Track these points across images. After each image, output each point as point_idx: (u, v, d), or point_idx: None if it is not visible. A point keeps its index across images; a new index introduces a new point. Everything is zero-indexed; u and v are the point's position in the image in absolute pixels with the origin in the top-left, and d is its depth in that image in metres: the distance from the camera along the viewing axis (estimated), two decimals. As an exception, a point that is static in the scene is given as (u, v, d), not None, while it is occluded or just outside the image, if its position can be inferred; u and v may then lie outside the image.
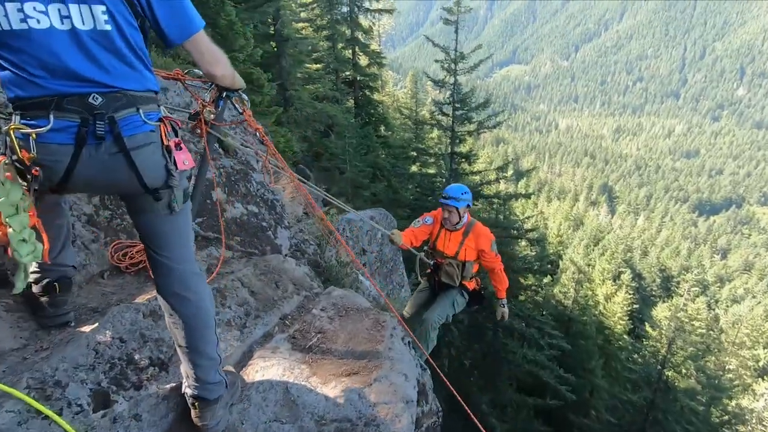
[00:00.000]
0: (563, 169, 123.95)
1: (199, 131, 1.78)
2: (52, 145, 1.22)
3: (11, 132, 1.19)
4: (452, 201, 3.43)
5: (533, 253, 20.24)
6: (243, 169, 2.98)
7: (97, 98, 1.23)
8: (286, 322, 2.14)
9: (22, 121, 1.21)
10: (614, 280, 32.05)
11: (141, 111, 1.30)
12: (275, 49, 16.86)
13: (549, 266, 23.43)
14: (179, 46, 1.36)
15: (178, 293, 1.46)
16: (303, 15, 21.36)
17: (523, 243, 17.96)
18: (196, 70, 1.86)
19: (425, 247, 3.81)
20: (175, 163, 1.37)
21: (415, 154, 18.30)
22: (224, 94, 1.85)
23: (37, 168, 1.21)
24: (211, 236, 2.50)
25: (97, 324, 1.63)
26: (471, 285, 3.70)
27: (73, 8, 1.16)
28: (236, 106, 1.87)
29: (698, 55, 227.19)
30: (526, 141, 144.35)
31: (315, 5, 20.57)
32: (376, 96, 23.80)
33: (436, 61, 14.86)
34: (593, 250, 44.28)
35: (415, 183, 17.25)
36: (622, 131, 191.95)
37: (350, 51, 21.05)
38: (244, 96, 1.90)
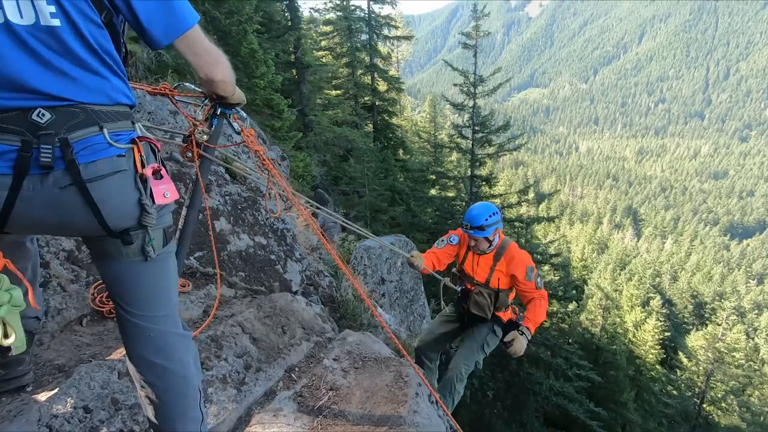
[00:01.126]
0: (585, 192, 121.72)
1: (189, 155, 1.53)
2: None
3: None
4: (477, 232, 2.89)
5: (557, 278, 19.53)
6: (251, 196, 2.74)
7: (43, 114, 0.95)
8: (293, 375, 1.83)
9: None
10: (643, 307, 30.68)
11: (106, 130, 1.02)
12: (296, 76, 17.20)
13: (574, 292, 22.58)
14: (167, 46, 1.10)
15: (152, 361, 1.16)
16: (323, 43, 21.88)
17: (546, 267, 17.35)
18: (188, 84, 1.62)
19: (453, 269, 3.27)
20: (151, 196, 1.08)
21: (434, 177, 18.11)
22: (219, 111, 1.57)
23: None
24: (212, 272, 2.24)
25: (57, 389, 1.34)
26: (506, 316, 3.13)
27: None
28: (233, 124, 1.61)
29: (722, 75, 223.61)
30: (546, 163, 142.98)
31: (335, 34, 21.07)
32: (394, 120, 23.96)
33: (455, 84, 14.83)
34: (620, 275, 42.69)
35: (434, 206, 17.02)
36: (645, 153, 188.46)
37: (369, 77, 21.34)
38: (242, 113, 1.64)
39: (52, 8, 0.92)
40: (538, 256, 15.55)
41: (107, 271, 1.15)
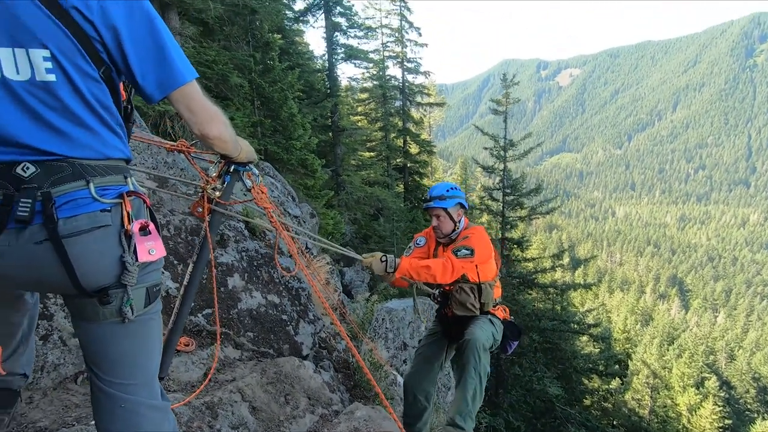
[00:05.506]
0: (625, 258, 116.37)
1: (200, 210, 1.53)
2: None
3: None
4: (437, 202, 2.63)
5: (597, 350, 18.13)
6: (269, 253, 2.72)
7: (27, 168, 0.94)
8: (292, 453, 1.66)
9: None
10: (697, 388, 27.75)
11: (92, 185, 0.99)
12: (331, 138, 18.08)
13: (617, 367, 20.83)
14: (161, 100, 1.08)
15: None
16: (359, 109, 23.15)
17: (585, 338, 16.20)
18: None
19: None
20: (135, 253, 1.02)
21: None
22: (232, 168, 1.58)
23: None
24: (220, 332, 2.17)
25: (31, 458, 1.24)
26: (499, 314, 2.74)
27: (4, 53, 0.90)
28: (246, 181, 1.62)
29: (765, 143, 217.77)
30: (582, 228, 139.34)
31: (370, 101, 22.31)
32: (425, 181, 24.37)
33: (485, 148, 15.05)
34: (668, 350, 39.29)
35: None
36: (687, 220, 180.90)
37: (402, 140, 22.15)
38: (255, 170, 1.64)
39: (49, 64, 0.93)
40: (575, 326, 14.63)
41: (81, 332, 1.09)
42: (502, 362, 13.70)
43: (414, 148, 23.06)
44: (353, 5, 18.12)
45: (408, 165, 22.34)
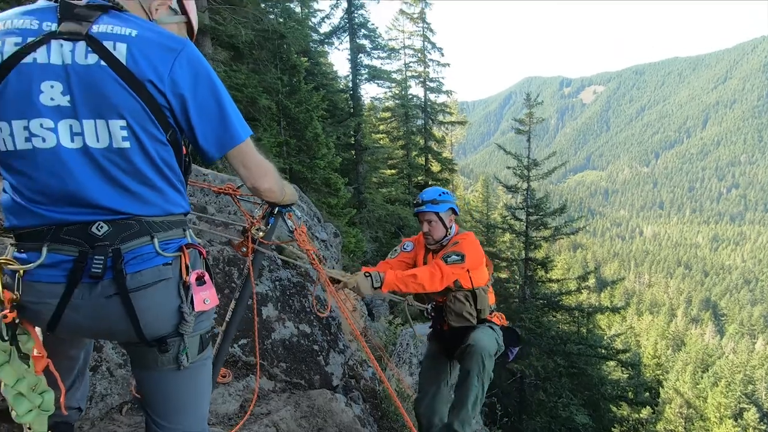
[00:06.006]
0: (654, 280, 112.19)
1: (244, 250, 1.59)
2: (39, 284, 1.00)
3: None
4: (429, 206, 2.54)
5: (626, 376, 17.38)
6: (301, 281, 2.76)
7: (101, 227, 1.03)
8: (325, 490, 1.66)
9: (15, 254, 1.02)
10: (735, 420, 26.19)
11: (156, 240, 1.07)
12: (354, 156, 18.34)
13: (647, 395, 19.91)
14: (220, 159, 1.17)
15: None
16: (381, 127, 23.45)
17: (612, 364, 15.56)
18: None
19: None
20: (192, 303, 1.09)
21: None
22: (276, 210, 1.65)
23: (14, 312, 0.98)
24: (253, 362, 2.21)
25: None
26: (496, 321, 2.64)
27: (87, 124, 0.99)
28: (288, 222, 1.68)
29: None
30: (608, 247, 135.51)
31: (393, 119, 22.59)
32: (446, 199, 24.30)
33: (508, 167, 14.93)
34: (702, 378, 37.36)
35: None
36: (720, 240, 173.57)
37: (423, 158, 22.26)
38: (297, 212, 1.70)
39: (125, 132, 1.02)
40: (603, 351, 14.11)
41: (140, 378, 1.15)
42: (525, 386, 13.30)
43: (435, 166, 23.13)
44: (377, 27, 18.56)
45: (429, 183, 22.39)
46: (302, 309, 2.64)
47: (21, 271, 0.99)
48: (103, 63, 0.98)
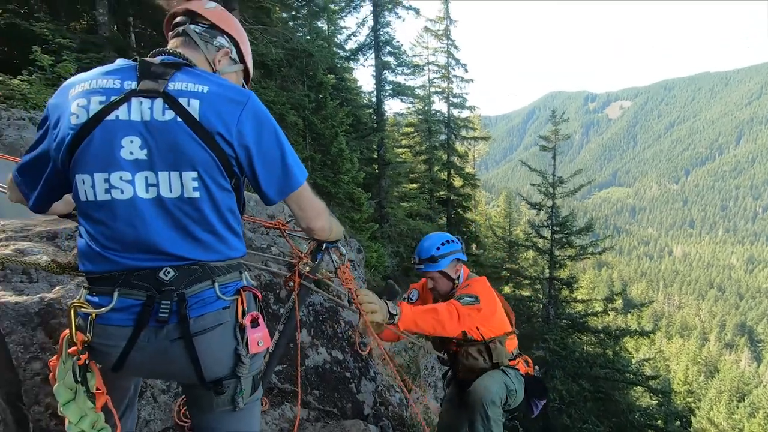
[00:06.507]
0: (684, 301, 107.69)
1: (291, 285, 1.63)
2: (109, 327, 1.06)
3: (72, 310, 1.06)
4: (427, 266, 2.28)
5: (655, 403, 16.61)
6: (333, 306, 2.78)
7: (168, 272, 1.08)
8: None
9: (88, 297, 1.09)
10: (775, 455, 24.60)
11: (217, 284, 1.12)
12: (377, 170, 18.46)
13: (678, 424, 18.94)
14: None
15: None
16: (404, 141, 23.58)
17: (640, 389, 14.91)
18: None
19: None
20: (247, 346, 1.14)
21: (508, 274, 17.36)
22: (324, 246, 1.70)
23: (86, 354, 1.05)
24: (288, 389, 2.22)
25: None
26: (520, 368, 2.41)
27: (162, 176, 1.06)
28: (334, 258, 1.71)
29: None
30: (634, 266, 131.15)
31: (416, 134, 22.70)
32: (468, 215, 24.14)
33: (533, 184, 14.75)
34: (738, 408, 35.42)
35: (509, 304, 15.99)
36: (757, 262, 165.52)
37: (445, 173, 22.22)
38: (342, 249, 1.74)
39: (196, 183, 1.08)
40: (631, 376, 13.57)
41: (196, 419, 1.20)
42: (549, 410, 12.87)
43: (458, 181, 23.03)
44: (402, 44, 18.81)
45: (451, 198, 22.29)
46: (334, 334, 2.65)
47: (93, 315, 1.05)
48: (179, 119, 1.06)
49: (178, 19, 1.28)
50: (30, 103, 6.48)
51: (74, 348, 1.05)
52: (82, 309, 1.06)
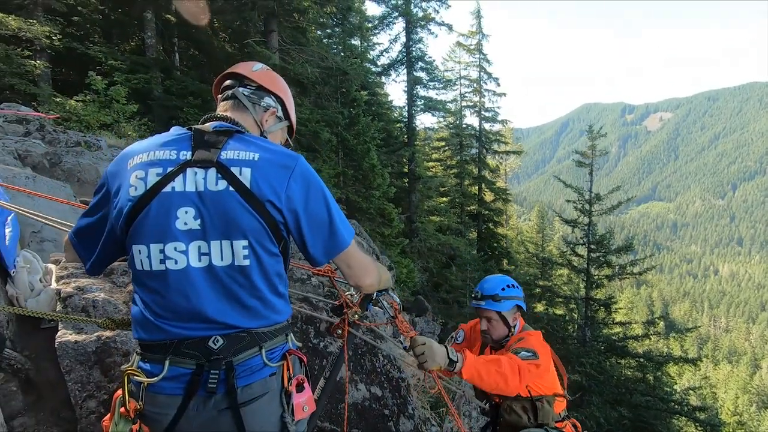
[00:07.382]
0: (732, 324, 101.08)
1: (339, 332, 1.62)
2: (160, 396, 1.08)
3: (125, 377, 1.09)
4: (490, 303, 2.16)
5: (701, 432, 15.50)
6: (371, 338, 2.76)
7: (217, 341, 1.09)
8: None
9: (140, 364, 1.11)
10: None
11: (264, 350, 1.13)
12: (407, 184, 18.46)
13: (728, 459, 17.65)
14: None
15: None
16: (435, 156, 23.52)
17: (684, 420, 13.96)
18: None
19: None
20: (293, 412, 1.14)
21: (540, 291, 16.84)
22: (374, 295, 1.69)
23: (138, 423, 1.06)
24: (328, 428, 2.19)
25: None
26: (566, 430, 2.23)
27: (215, 245, 1.08)
28: (386, 305, 1.69)
29: None
30: (676, 285, 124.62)
31: (447, 148, 22.62)
32: (500, 230, 23.68)
33: (568, 200, 14.30)
34: (795, 444, 32.65)
35: (541, 324, 15.46)
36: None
37: (476, 187, 21.95)
38: (394, 295, 1.71)
39: (246, 251, 1.09)
40: (675, 406, 12.74)
41: None
42: (585, 439, 12.26)
43: (489, 196, 22.71)
44: (434, 60, 18.89)
45: (482, 212, 21.95)
46: (373, 369, 2.61)
47: (145, 383, 1.07)
48: (231, 189, 1.08)
49: (227, 82, 1.32)
50: (84, 123, 6.89)
51: (123, 408, 1.07)
52: (135, 377, 1.08)
